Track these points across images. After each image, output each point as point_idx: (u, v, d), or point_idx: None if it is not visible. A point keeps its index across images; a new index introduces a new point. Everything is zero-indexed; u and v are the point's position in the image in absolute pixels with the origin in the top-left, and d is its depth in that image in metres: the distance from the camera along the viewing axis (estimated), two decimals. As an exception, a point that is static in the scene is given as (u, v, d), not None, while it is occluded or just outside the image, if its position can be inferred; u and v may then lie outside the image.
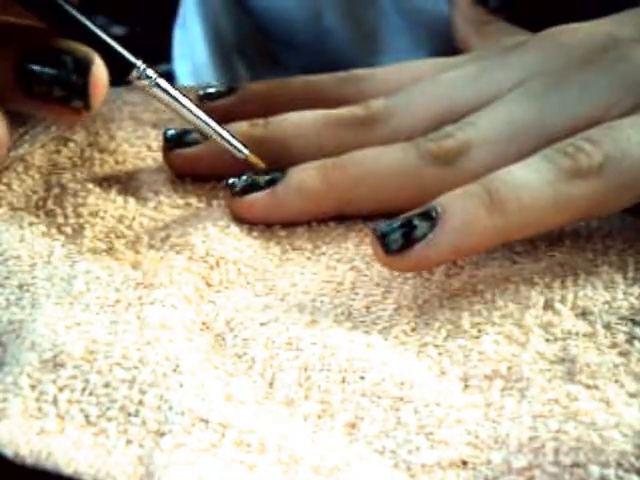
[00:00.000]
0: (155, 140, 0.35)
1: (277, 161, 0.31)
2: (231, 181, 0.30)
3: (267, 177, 0.30)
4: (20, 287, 0.27)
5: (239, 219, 0.30)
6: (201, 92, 0.35)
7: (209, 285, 0.27)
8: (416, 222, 0.25)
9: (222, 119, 0.32)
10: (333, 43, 0.48)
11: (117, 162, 0.34)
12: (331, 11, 0.48)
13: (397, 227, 0.25)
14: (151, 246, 0.29)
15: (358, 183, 0.30)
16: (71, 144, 0.35)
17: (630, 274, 0.27)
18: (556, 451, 0.20)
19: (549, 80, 0.30)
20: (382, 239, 0.25)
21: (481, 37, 0.39)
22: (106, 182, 0.33)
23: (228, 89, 0.35)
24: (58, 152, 0.35)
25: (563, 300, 0.25)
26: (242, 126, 0.32)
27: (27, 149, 0.35)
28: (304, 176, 0.30)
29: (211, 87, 0.35)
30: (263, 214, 0.30)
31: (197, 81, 0.56)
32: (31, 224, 0.30)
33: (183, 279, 0.27)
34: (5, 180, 0.33)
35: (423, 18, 0.45)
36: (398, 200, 0.29)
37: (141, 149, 0.35)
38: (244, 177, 0.30)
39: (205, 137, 0.32)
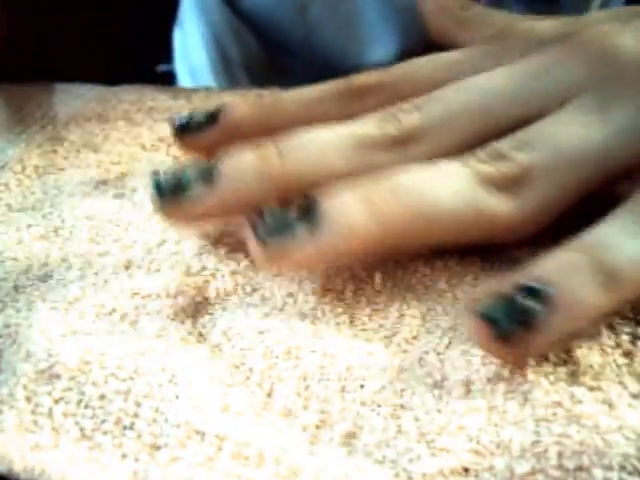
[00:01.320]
0: (149, 140, 0.35)
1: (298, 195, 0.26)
2: (254, 223, 0.24)
3: (299, 215, 0.24)
4: (16, 289, 0.27)
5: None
6: (177, 122, 0.31)
7: (205, 297, 0.26)
8: (524, 301, 0.22)
9: (206, 154, 0.29)
10: (319, 36, 0.47)
11: (113, 163, 0.34)
12: (315, 3, 0.47)
13: (502, 307, 0.22)
14: (147, 251, 0.29)
15: (414, 216, 0.25)
16: (66, 144, 0.35)
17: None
18: (559, 455, 0.20)
19: (604, 97, 0.27)
20: (491, 324, 0.22)
21: (461, 26, 0.34)
22: (103, 185, 0.33)
23: (208, 117, 0.30)
24: (54, 152, 0.35)
25: None
26: (250, 161, 0.27)
27: (24, 148, 0.35)
28: (346, 211, 0.24)
29: (187, 117, 0.31)
30: (301, 265, 0.26)
31: (196, 82, 0.56)
32: (29, 226, 0.30)
33: (179, 291, 0.26)
34: (3, 180, 0.33)
35: (403, 3, 0.44)
36: (451, 233, 0.26)
37: (136, 149, 0.35)
38: (269, 217, 0.24)
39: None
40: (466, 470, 0.20)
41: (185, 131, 0.31)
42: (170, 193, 0.27)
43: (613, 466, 0.19)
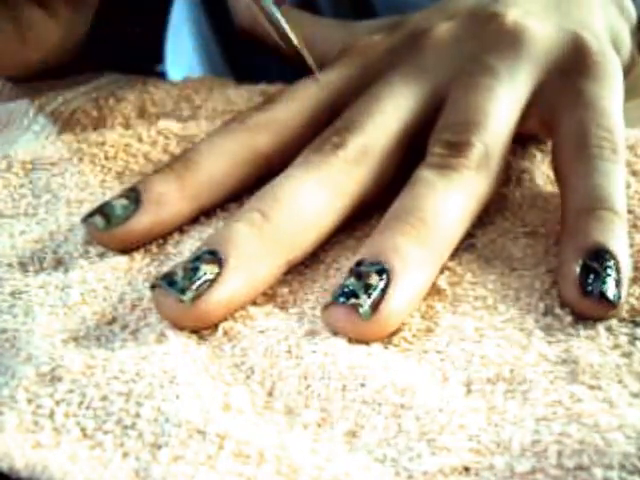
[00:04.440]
0: (146, 130, 0.35)
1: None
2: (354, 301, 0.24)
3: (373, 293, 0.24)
4: (12, 294, 0.26)
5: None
6: (98, 218, 0.28)
7: None
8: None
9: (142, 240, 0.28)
10: None
11: (107, 157, 0.34)
12: None
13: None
14: (147, 251, 0.29)
15: None
16: (59, 143, 0.35)
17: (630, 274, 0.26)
18: (559, 454, 0.20)
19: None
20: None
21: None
22: (99, 185, 0.32)
23: (130, 200, 0.28)
24: (44, 148, 0.34)
25: (563, 305, 0.25)
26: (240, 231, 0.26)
27: (7, 149, 0.35)
28: (412, 280, 0.25)
29: (109, 206, 0.28)
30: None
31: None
32: (22, 232, 0.30)
33: None
34: None
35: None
36: None
37: (131, 141, 0.35)
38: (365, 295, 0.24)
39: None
40: (466, 469, 0.20)
41: (112, 225, 0.28)
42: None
43: (613, 465, 0.19)
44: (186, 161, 0.29)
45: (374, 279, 0.24)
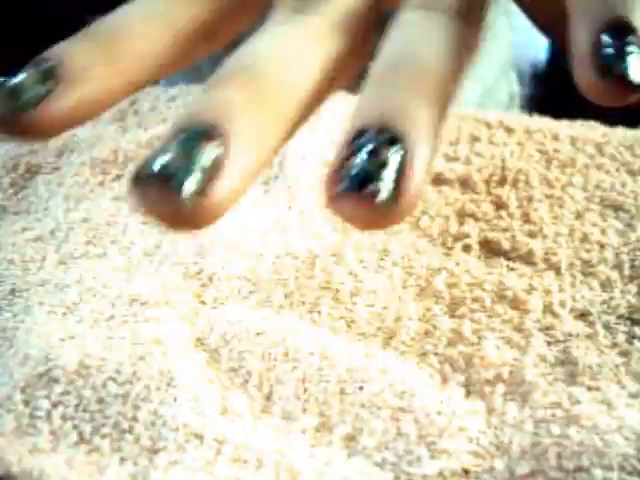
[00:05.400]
0: (143, 133, 0.35)
1: None
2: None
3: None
4: (12, 292, 0.26)
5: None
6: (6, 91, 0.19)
7: (203, 302, 0.26)
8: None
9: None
10: None
11: (106, 162, 0.34)
12: None
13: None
14: (145, 254, 0.28)
15: None
16: (61, 142, 0.35)
17: (626, 272, 0.26)
18: (559, 456, 0.20)
19: None
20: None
21: None
22: (99, 187, 0.32)
23: (42, 75, 0.20)
24: (48, 149, 0.34)
25: (562, 303, 0.25)
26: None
27: (17, 146, 0.34)
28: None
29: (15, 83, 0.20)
30: None
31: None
32: (24, 229, 0.30)
33: (177, 298, 0.26)
34: None
35: None
36: None
37: (130, 146, 0.34)
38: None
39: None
40: (466, 472, 0.20)
41: (21, 107, 0.20)
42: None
43: (613, 466, 0.19)
44: (114, 27, 0.22)
45: (386, 153, 0.19)
